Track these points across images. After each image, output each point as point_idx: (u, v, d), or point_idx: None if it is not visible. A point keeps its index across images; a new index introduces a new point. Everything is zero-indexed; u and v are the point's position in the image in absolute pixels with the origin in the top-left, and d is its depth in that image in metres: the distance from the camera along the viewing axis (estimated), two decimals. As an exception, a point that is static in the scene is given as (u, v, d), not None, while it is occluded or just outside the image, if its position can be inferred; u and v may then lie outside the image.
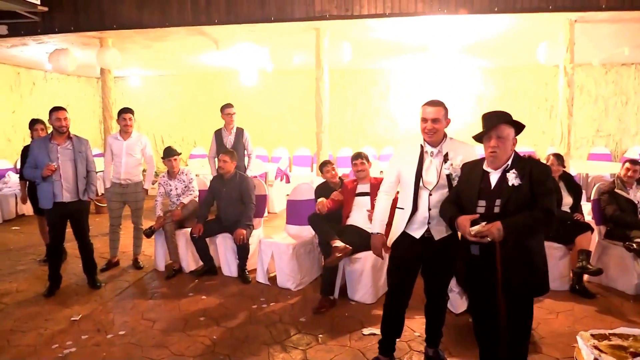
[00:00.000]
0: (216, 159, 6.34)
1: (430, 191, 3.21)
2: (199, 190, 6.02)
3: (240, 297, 4.95)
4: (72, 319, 4.49)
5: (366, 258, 4.67)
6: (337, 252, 4.51)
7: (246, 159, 6.82)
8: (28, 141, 5.76)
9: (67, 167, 4.96)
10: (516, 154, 2.85)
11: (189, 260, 5.73)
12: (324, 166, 5.46)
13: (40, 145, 4.96)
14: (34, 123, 5.95)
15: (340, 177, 5.47)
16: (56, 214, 4.98)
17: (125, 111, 5.89)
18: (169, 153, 5.83)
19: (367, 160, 5.03)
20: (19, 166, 8.28)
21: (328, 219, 4.91)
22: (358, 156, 4.99)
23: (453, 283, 4.17)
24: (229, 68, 11.47)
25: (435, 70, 11.84)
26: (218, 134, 6.79)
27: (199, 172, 8.41)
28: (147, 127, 12.83)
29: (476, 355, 3.15)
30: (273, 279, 5.30)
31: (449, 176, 3.17)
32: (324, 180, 5.45)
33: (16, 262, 6.31)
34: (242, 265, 5.43)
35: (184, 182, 5.82)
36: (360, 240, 4.62)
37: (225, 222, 5.53)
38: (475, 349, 3.15)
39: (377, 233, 3.47)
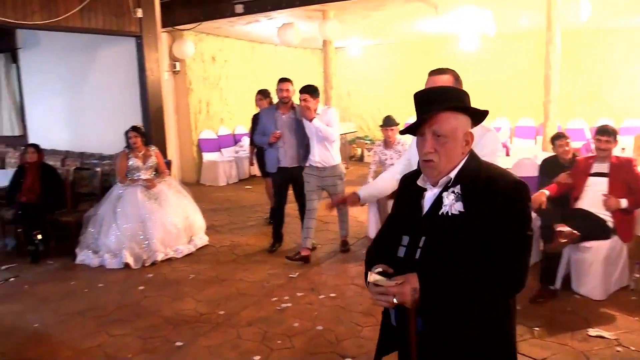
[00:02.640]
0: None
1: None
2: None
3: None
4: (290, 275, 4.84)
5: (599, 248, 4.07)
6: (562, 238, 4.01)
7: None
8: (255, 110, 6.33)
9: (290, 134, 5.29)
10: (471, 160, 1.68)
11: (400, 231, 5.70)
12: (557, 139, 4.88)
13: (268, 114, 5.38)
14: (258, 93, 6.49)
15: (573, 153, 4.84)
16: (280, 178, 5.38)
17: (302, 91, 5.03)
18: (388, 122, 5.83)
19: (615, 139, 4.29)
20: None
21: (551, 200, 4.40)
22: (604, 132, 4.25)
23: None
24: (447, 34, 11.04)
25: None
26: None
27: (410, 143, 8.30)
28: (364, 97, 13.16)
29: None
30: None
31: None
32: (553, 154, 4.89)
33: (247, 218, 7.08)
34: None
35: (399, 152, 5.78)
36: (591, 226, 4.05)
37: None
38: None
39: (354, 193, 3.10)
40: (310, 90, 4.99)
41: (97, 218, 5.47)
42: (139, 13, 6.33)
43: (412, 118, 11.49)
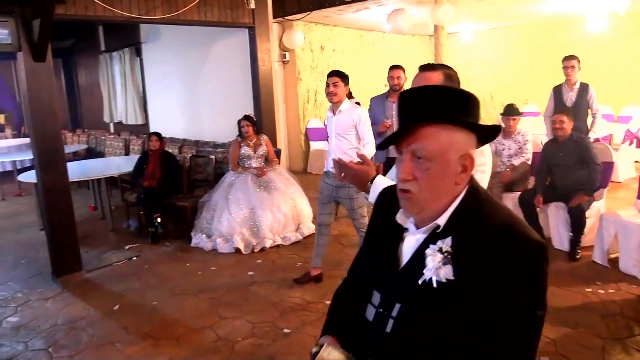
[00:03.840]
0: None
1: None
2: (532, 153, 5.52)
3: (571, 276, 4.39)
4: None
5: None
6: None
7: (589, 119, 5.93)
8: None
9: (400, 124, 5.14)
10: (472, 197, 1.21)
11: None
12: None
13: (378, 102, 5.28)
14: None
15: None
16: (389, 168, 5.26)
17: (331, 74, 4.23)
18: (511, 111, 5.48)
19: None
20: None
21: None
22: None
23: None
24: (570, 14, 10.20)
25: None
26: (557, 91, 6.06)
27: (532, 133, 7.79)
28: (477, 83, 12.60)
29: None
30: (613, 262, 4.53)
31: None
32: None
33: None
34: (575, 240, 4.79)
35: (518, 142, 5.41)
36: None
37: (561, 190, 4.94)
38: None
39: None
40: (340, 74, 4.17)
41: (211, 204, 5.70)
42: (252, 4, 6.46)
43: (530, 106, 10.81)
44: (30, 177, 6.31)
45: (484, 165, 2.11)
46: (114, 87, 10.07)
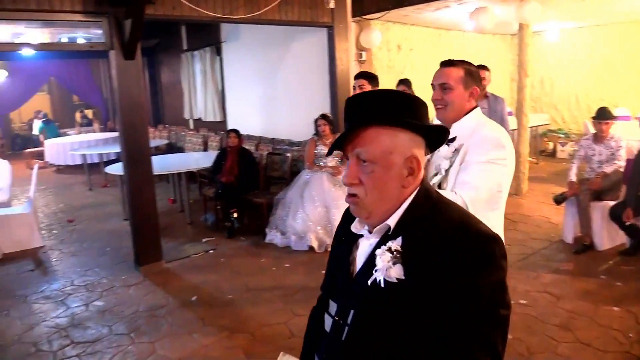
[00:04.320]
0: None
1: None
2: (625, 160, 5.17)
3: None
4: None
5: None
6: None
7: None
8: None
9: (482, 125, 4.97)
10: (423, 197, 1.19)
11: (604, 237, 5.03)
12: None
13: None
14: (400, 83, 6.27)
15: None
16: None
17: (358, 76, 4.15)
18: (603, 115, 5.13)
19: None
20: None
21: None
22: None
23: None
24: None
25: None
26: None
27: (625, 139, 7.31)
28: (562, 85, 12.00)
29: None
30: None
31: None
32: None
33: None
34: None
35: (611, 148, 5.08)
36: None
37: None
38: None
39: None
40: (368, 76, 4.03)
41: (286, 201, 5.76)
42: (332, 4, 6.46)
43: (621, 110, 10.15)
44: (116, 169, 6.64)
45: (504, 159, 2.06)
46: (194, 85, 10.42)
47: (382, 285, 1.12)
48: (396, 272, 1.11)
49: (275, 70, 8.32)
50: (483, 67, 4.96)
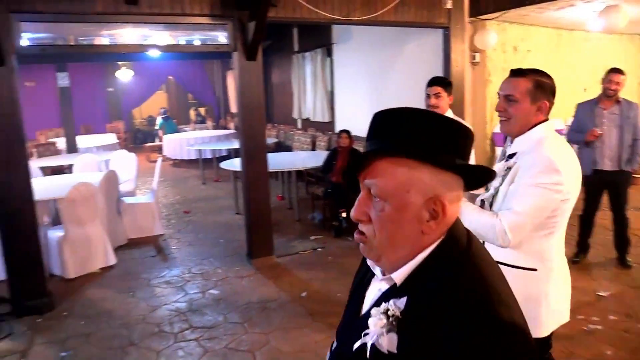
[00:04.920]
0: None
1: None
2: None
3: None
4: (599, 294, 4.26)
5: None
6: None
7: None
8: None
9: (612, 133, 4.62)
10: (445, 251, 0.94)
11: None
12: None
13: (586, 109, 4.80)
14: None
15: None
16: (594, 182, 4.75)
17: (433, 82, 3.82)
18: None
19: None
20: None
21: None
22: None
23: None
24: None
25: None
26: None
27: None
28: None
29: None
30: None
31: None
32: None
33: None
34: None
35: None
36: None
37: None
38: None
39: None
40: (444, 82, 3.68)
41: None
42: (449, 4, 6.34)
43: None
44: (229, 165, 6.96)
45: (557, 185, 1.87)
46: (304, 85, 10.65)
47: (368, 354, 0.94)
48: (387, 343, 0.91)
49: (385, 71, 8.29)
50: (617, 71, 4.63)
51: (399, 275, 0.96)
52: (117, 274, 5.37)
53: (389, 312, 0.92)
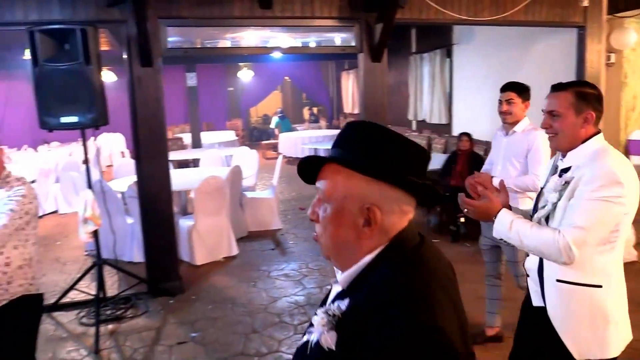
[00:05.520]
0: None
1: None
2: None
3: None
4: None
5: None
6: None
7: None
8: None
9: None
10: (386, 259, 1.00)
11: None
12: None
13: None
14: None
15: None
16: None
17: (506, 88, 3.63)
18: None
19: None
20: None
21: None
22: None
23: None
24: None
25: None
26: None
27: None
28: None
29: None
30: None
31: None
32: None
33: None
34: None
35: None
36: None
37: None
38: None
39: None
40: (518, 88, 3.52)
41: (517, 211, 5.50)
42: (585, 2, 5.94)
43: None
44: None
45: (620, 197, 1.84)
46: (421, 86, 10.53)
47: (312, 347, 1.00)
48: (327, 340, 0.97)
49: (509, 73, 7.94)
50: None
51: (342, 279, 1.04)
52: (239, 263, 5.67)
53: (329, 312, 0.99)
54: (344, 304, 1.00)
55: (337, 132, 7.19)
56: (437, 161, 6.91)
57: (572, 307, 1.99)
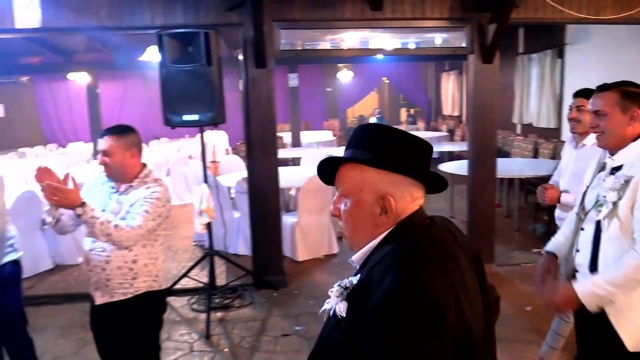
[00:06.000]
0: None
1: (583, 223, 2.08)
2: None
3: None
4: None
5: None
6: None
7: None
8: None
9: None
10: (393, 240, 1.14)
11: None
12: None
13: None
14: None
15: None
16: None
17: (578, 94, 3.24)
18: None
19: None
20: None
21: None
22: None
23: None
24: None
25: None
26: None
27: None
28: None
29: None
30: None
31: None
32: None
33: None
34: None
35: None
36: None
37: None
38: None
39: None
40: (590, 95, 2.80)
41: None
42: None
43: None
44: (448, 167, 6.95)
45: None
46: (528, 88, 10.07)
47: (330, 315, 1.17)
48: (340, 309, 1.13)
49: (631, 77, 7.37)
50: None
51: (356, 257, 1.20)
52: (338, 262, 5.75)
53: (342, 285, 1.16)
54: (356, 278, 1.16)
55: (436, 134, 7.17)
56: (543, 167, 6.62)
57: (627, 298, 1.95)
